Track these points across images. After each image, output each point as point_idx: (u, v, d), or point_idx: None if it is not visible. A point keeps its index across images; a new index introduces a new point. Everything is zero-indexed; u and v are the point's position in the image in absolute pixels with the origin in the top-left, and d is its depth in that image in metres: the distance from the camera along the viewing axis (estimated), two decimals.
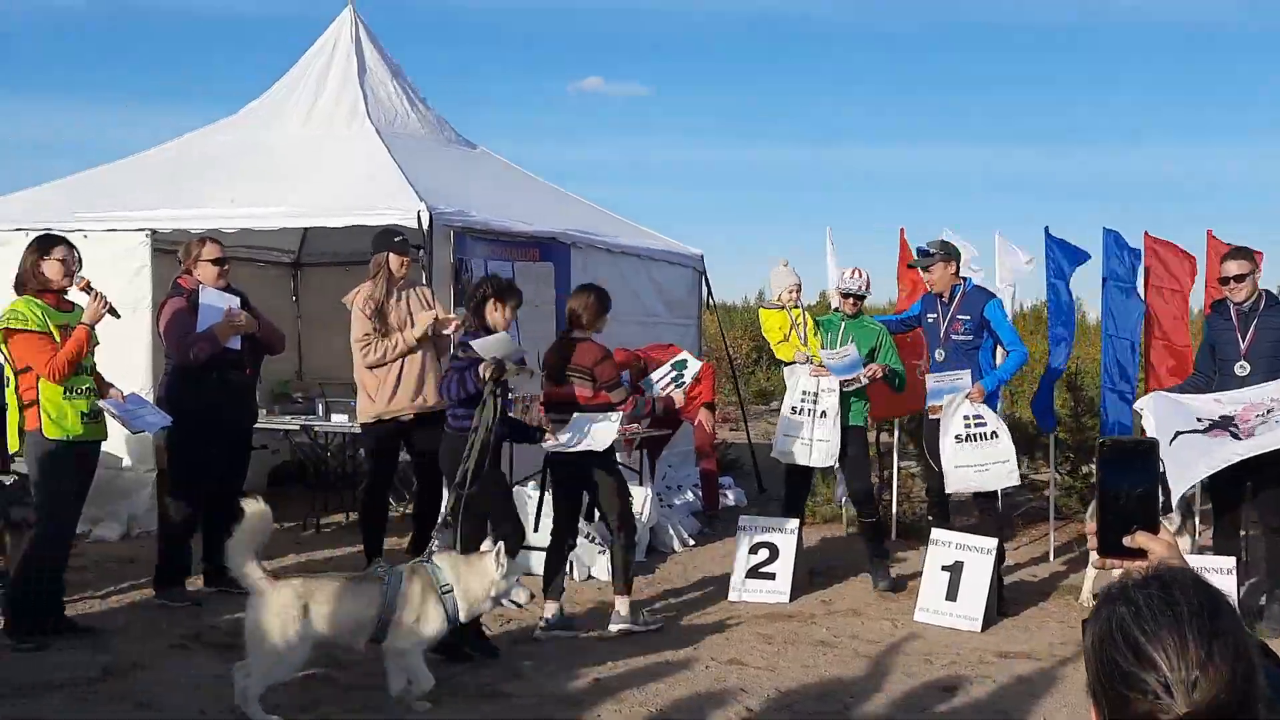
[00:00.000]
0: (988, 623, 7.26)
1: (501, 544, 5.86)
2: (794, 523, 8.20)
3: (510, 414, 6.89)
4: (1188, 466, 6.88)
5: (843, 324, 8.25)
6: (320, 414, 9.78)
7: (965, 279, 8.11)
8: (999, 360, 8.07)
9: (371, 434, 7.85)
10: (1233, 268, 7.37)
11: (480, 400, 6.33)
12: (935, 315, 7.93)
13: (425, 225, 8.56)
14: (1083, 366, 13.06)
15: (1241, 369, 7.26)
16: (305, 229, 11.22)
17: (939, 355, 7.91)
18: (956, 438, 7.67)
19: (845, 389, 8.03)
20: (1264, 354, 7.19)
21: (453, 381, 6.55)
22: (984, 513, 8.02)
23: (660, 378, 7.85)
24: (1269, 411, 6.95)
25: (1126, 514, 1.97)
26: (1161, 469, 6.17)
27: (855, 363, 7.99)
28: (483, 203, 9.81)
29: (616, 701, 5.77)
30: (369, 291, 7.66)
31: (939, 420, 7.74)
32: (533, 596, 6.22)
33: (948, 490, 7.91)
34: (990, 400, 7.84)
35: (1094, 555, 2.04)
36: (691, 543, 9.59)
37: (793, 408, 8.20)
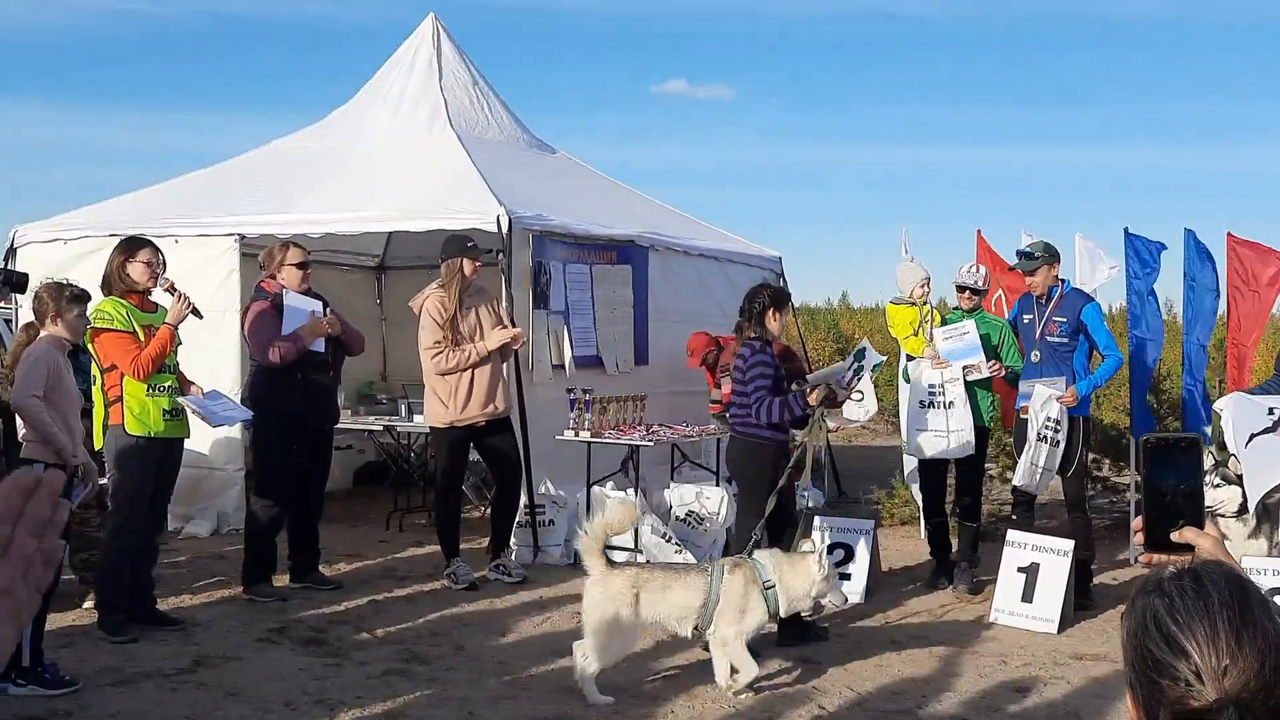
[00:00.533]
0: (1064, 624, 7.22)
1: (824, 546, 6.49)
2: (869, 523, 8.22)
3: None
4: (1265, 469, 6.78)
5: (963, 319, 8.25)
6: (403, 414, 9.99)
7: (1064, 280, 8.05)
8: (1094, 364, 8.06)
9: (443, 438, 8.03)
10: None
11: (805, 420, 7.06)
12: (1031, 316, 7.90)
13: (505, 229, 8.71)
14: (1170, 369, 12.87)
15: None
16: (389, 233, 11.44)
17: (1034, 356, 7.88)
18: (1038, 436, 7.65)
19: (968, 377, 8.02)
20: None
21: (775, 407, 6.78)
22: (1073, 519, 7.99)
23: (844, 370, 7.76)
24: None
25: (1173, 509, 2.01)
26: (1238, 472, 6.15)
27: (974, 344, 7.98)
28: (561, 206, 9.95)
29: (690, 697, 5.84)
30: (440, 298, 7.80)
31: (1028, 421, 7.72)
32: (846, 600, 6.63)
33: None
34: (1083, 405, 7.82)
35: (1141, 551, 2.08)
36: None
37: (920, 402, 8.19)
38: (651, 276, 10.48)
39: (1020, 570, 7.42)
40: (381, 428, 10.24)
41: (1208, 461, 7.10)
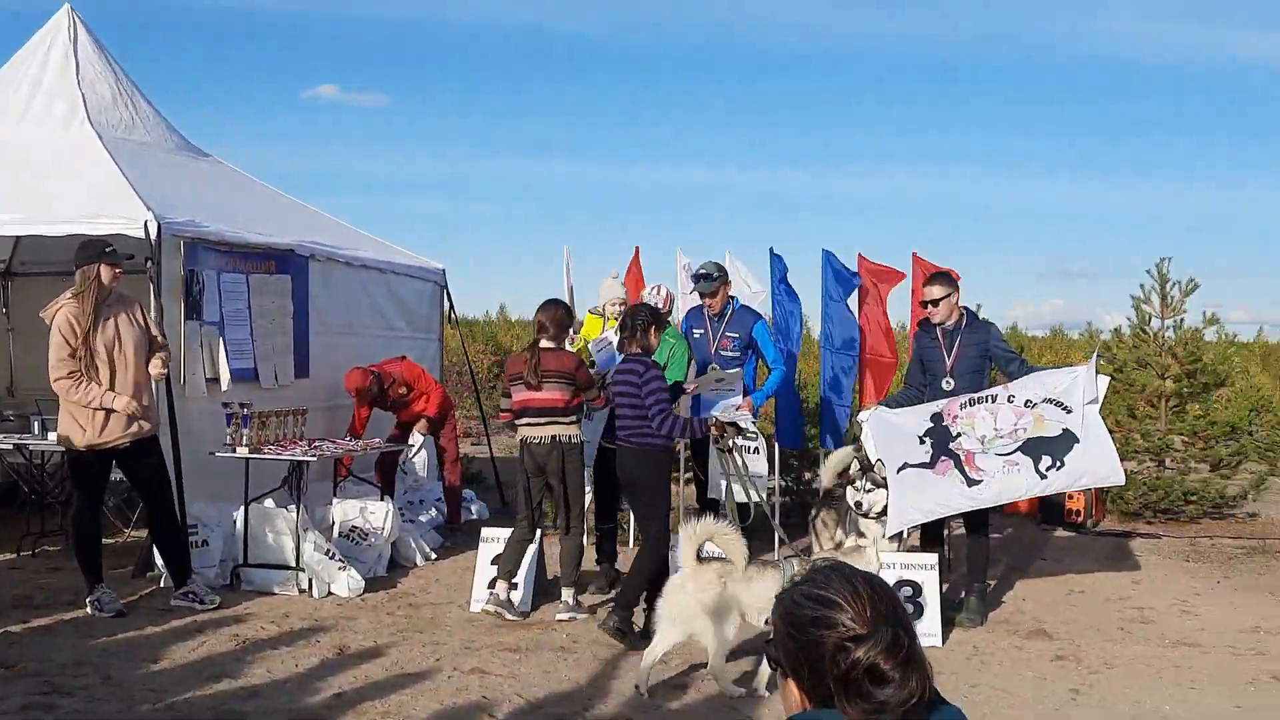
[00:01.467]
0: None
1: (874, 545, 6.93)
2: (534, 534, 8.35)
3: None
4: (911, 505, 7.37)
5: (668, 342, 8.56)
6: (36, 432, 9.29)
7: (733, 298, 8.57)
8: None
9: (80, 462, 7.55)
10: (935, 291, 7.96)
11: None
12: (703, 331, 8.39)
13: (154, 235, 8.30)
14: (806, 379, 13.74)
15: (948, 384, 7.88)
16: (16, 238, 10.65)
17: (710, 370, 8.38)
18: (732, 447, 8.00)
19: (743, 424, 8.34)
20: (966, 370, 7.83)
21: (680, 424, 7.24)
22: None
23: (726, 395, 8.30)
24: (992, 439, 7.50)
25: None
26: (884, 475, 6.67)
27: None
28: (215, 212, 9.58)
29: (358, 714, 5.77)
30: (72, 310, 7.33)
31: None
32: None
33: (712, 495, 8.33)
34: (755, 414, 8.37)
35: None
36: (434, 556, 9.60)
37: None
38: (312, 287, 10.24)
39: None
40: (11, 446, 9.48)
41: (854, 467, 7.67)
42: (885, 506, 7.56)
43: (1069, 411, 7.38)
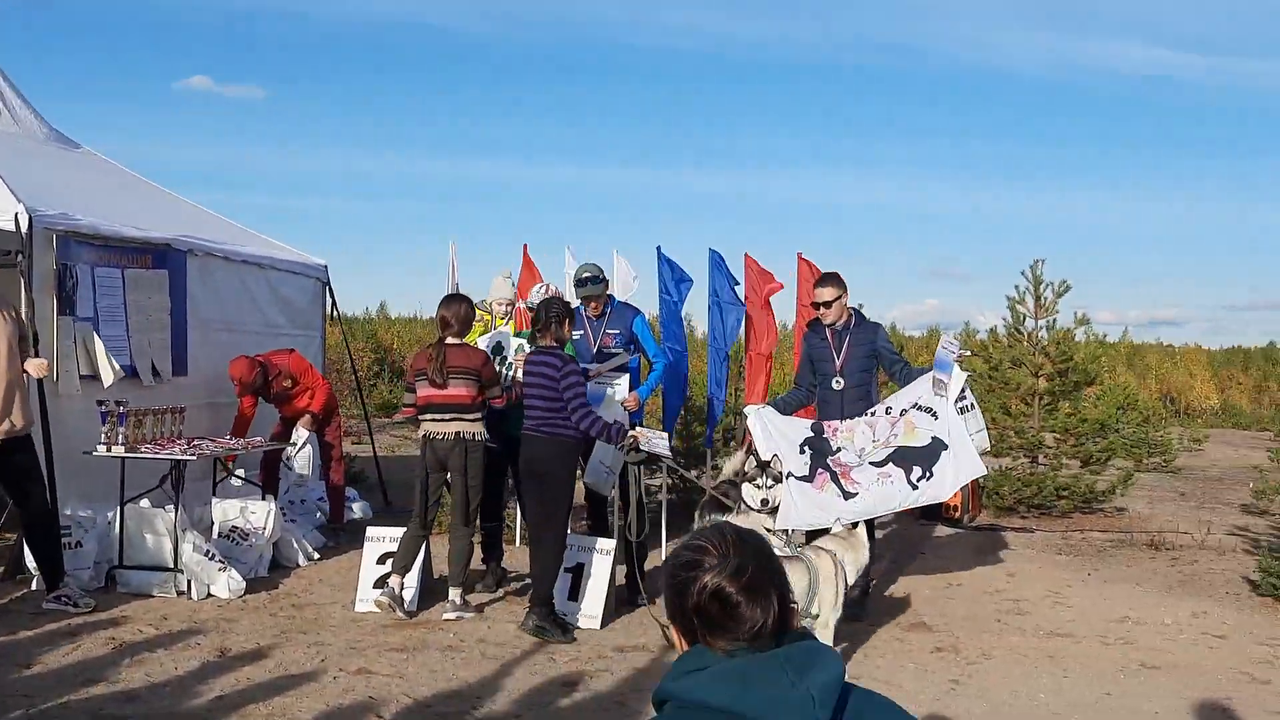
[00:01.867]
0: (607, 619, 7.61)
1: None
2: (428, 531, 8.28)
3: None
4: (795, 511, 7.46)
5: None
6: None
7: (611, 296, 8.58)
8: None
9: None
10: (827, 293, 8.08)
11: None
12: (583, 332, 8.37)
13: (24, 228, 8.06)
14: (690, 376, 13.84)
15: (837, 383, 8.01)
16: None
17: (591, 369, 8.34)
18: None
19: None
20: (855, 369, 7.97)
21: (599, 424, 7.32)
22: (595, 517, 8.49)
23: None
24: (870, 450, 7.62)
25: None
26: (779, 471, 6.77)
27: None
28: (89, 205, 9.33)
29: (241, 717, 5.67)
30: None
31: None
32: None
33: (588, 482, 8.26)
34: (640, 412, 8.37)
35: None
36: (316, 556, 9.46)
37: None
38: (191, 283, 10.02)
39: (567, 570, 7.75)
40: None
41: (750, 464, 7.74)
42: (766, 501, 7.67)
43: (936, 417, 7.52)
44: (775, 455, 7.61)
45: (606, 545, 7.86)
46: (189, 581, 8.06)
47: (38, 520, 7.63)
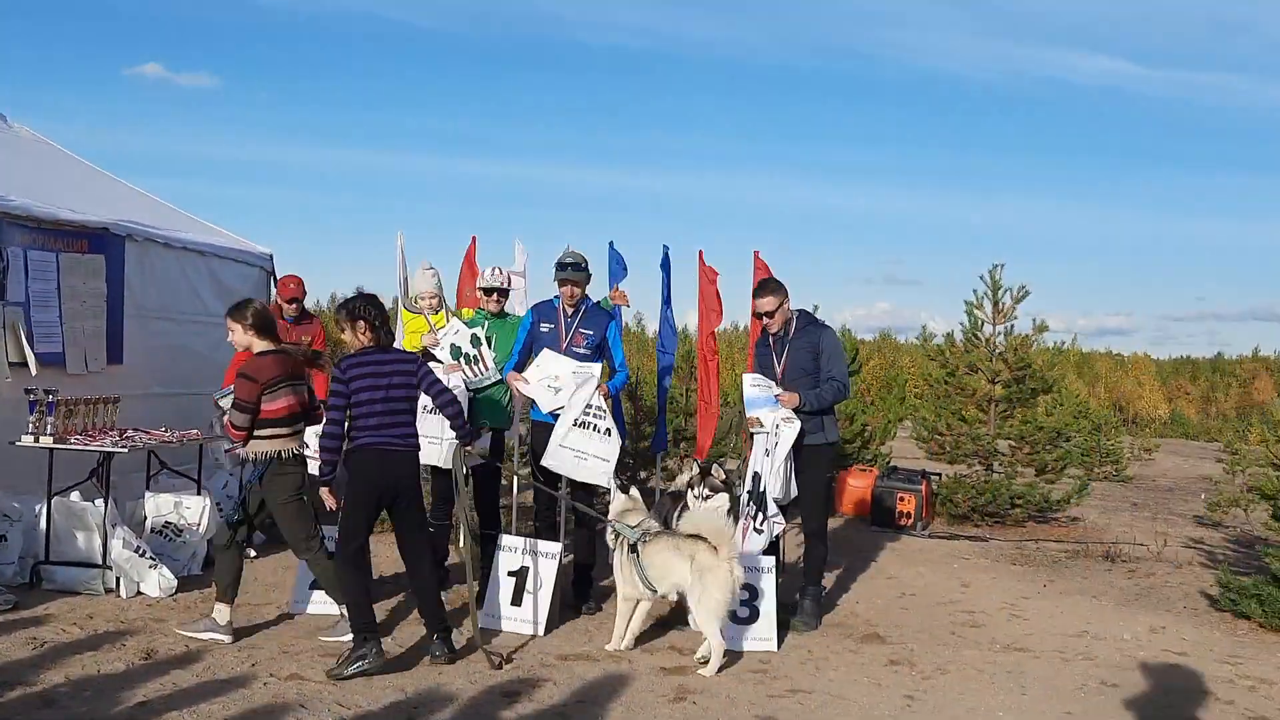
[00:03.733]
0: (550, 626, 7.37)
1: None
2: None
3: None
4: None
5: (486, 322, 8.22)
6: None
7: (587, 295, 8.18)
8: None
9: None
10: (765, 304, 7.83)
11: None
12: (552, 326, 7.95)
13: None
14: (641, 376, 13.63)
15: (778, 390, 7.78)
16: None
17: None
18: (575, 421, 7.74)
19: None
20: (796, 376, 7.70)
21: (457, 408, 6.83)
22: (545, 520, 8.18)
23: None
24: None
25: None
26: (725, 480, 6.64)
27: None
28: (22, 186, 8.95)
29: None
30: None
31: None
32: None
33: (545, 462, 7.84)
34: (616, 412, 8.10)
35: None
36: (253, 554, 9.14)
37: (424, 407, 7.93)
38: (128, 268, 9.67)
39: (511, 574, 7.49)
40: None
41: (693, 471, 7.53)
42: (725, 510, 7.50)
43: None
44: (715, 465, 7.60)
45: (551, 549, 7.60)
46: (118, 579, 7.74)
47: None
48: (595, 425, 7.75)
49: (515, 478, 9.08)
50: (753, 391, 7.67)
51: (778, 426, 7.49)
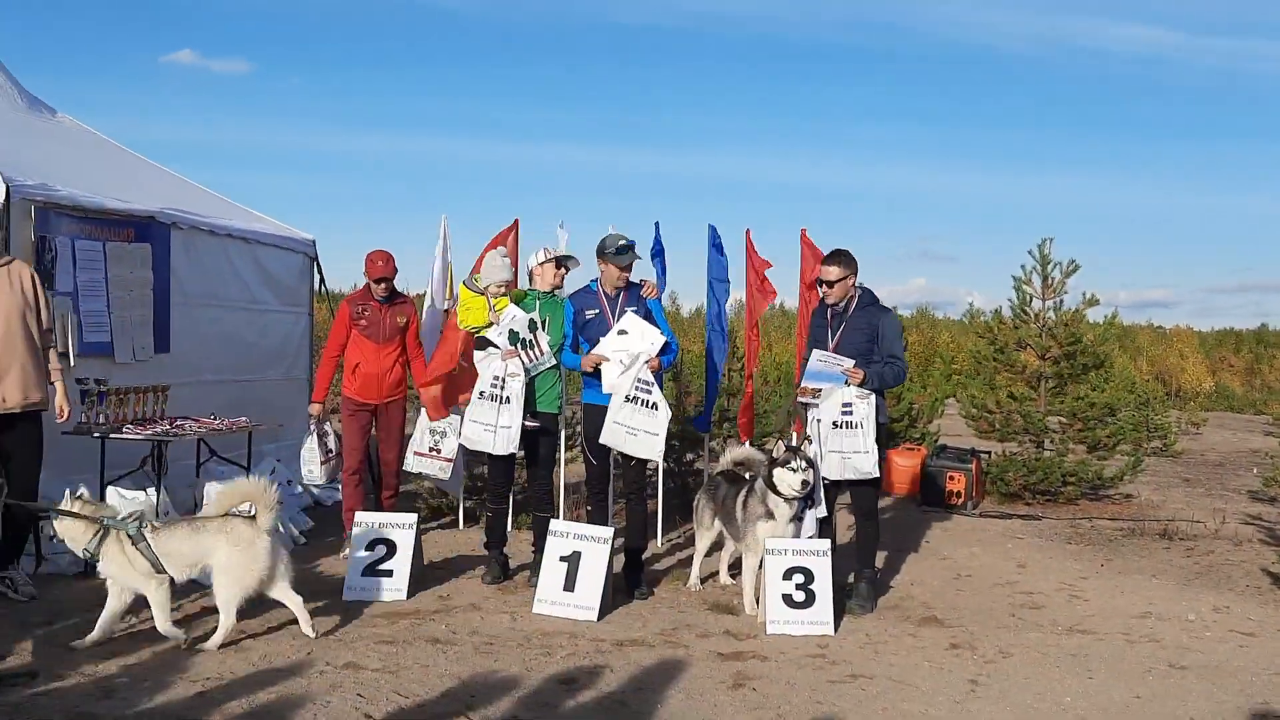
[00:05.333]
0: (604, 612, 7.31)
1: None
2: (411, 518, 7.98)
3: None
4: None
5: (539, 302, 8.18)
6: None
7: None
8: None
9: None
10: (831, 272, 7.69)
11: None
12: (597, 311, 7.89)
13: (1, 199, 7.70)
14: (688, 360, 13.52)
15: None
16: None
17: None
18: (626, 398, 7.71)
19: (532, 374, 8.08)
20: (850, 355, 7.56)
21: None
22: (595, 503, 8.13)
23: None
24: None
25: None
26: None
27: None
28: (69, 176, 8.94)
29: (223, 715, 5.34)
30: None
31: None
32: None
33: (603, 440, 7.82)
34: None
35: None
36: (303, 540, 9.15)
37: (479, 392, 7.98)
38: (174, 257, 9.66)
39: (563, 559, 7.44)
40: None
41: (780, 449, 7.44)
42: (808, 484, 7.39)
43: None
44: (807, 438, 7.52)
45: (603, 534, 7.54)
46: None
47: (11, 499, 7.32)
48: (644, 400, 7.72)
49: (564, 463, 9.04)
50: (818, 365, 7.59)
51: (849, 405, 7.45)
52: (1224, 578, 8.84)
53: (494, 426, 7.92)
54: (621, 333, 7.78)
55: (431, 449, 8.99)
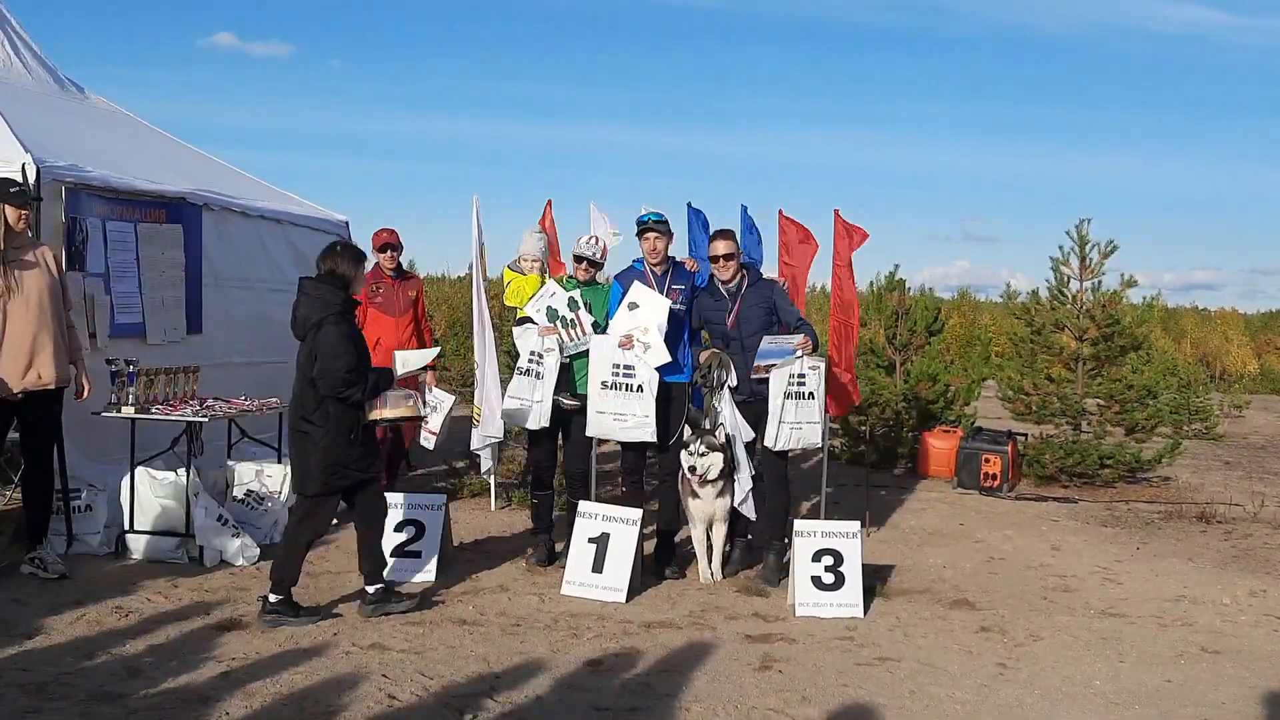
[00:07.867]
0: (632, 593, 7.28)
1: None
2: (441, 499, 7.98)
3: None
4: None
5: (578, 289, 8.11)
6: None
7: (670, 255, 8.10)
8: None
9: None
10: (726, 247, 7.80)
11: None
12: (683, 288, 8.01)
13: (32, 179, 7.74)
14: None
15: (733, 345, 7.80)
16: None
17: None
18: (603, 384, 7.72)
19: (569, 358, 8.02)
20: (751, 331, 7.72)
21: None
22: (630, 485, 8.10)
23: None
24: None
25: None
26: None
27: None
28: (100, 157, 8.97)
29: (246, 695, 5.35)
30: None
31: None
32: None
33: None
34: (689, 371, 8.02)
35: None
36: (334, 520, 9.14)
37: (518, 369, 7.99)
38: (205, 238, 9.67)
39: (591, 541, 7.42)
40: None
41: (686, 431, 7.54)
42: (721, 471, 7.58)
43: None
44: (721, 426, 7.69)
45: (632, 515, 7.50)
46: (200, 548, 7.78)
47: (36, 480, 7.38)
48: (626, 385, 7.73)
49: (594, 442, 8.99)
50: (769, 345, 7.66)
51: (802, 376, 7.62)
52: (1262, 561, 8.70)
53: (529, 401, 7.93)
54: (633, 306, 7.75)
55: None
